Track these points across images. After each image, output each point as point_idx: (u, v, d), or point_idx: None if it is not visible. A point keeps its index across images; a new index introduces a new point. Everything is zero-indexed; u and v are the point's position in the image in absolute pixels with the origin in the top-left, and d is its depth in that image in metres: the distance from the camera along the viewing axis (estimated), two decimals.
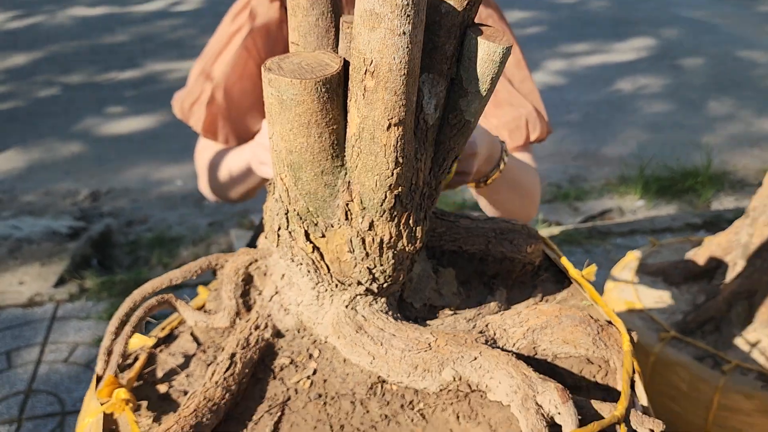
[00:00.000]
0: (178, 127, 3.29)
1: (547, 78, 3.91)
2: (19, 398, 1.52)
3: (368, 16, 0.40)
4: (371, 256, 0.51)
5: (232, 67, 1.06)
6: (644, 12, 5.20)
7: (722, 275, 1.45)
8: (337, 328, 0.56)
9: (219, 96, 1.06)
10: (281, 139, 0.45)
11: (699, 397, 1.31)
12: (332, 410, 0.53)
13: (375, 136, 0.44)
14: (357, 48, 0.41)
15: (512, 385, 0.49)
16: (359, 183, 0.47)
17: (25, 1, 5.17)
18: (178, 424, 0.50)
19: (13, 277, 1.94)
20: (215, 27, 1.17)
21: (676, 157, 2.97)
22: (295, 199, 0.49)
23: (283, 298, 0.62)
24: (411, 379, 0.52)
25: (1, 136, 3.21)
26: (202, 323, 0.68)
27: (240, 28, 1.08)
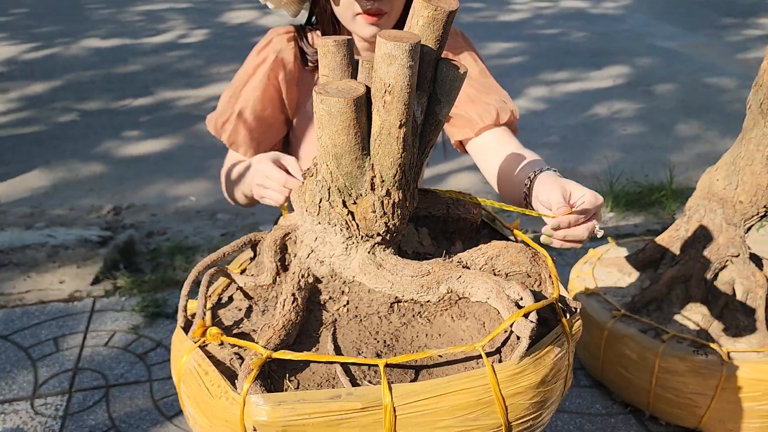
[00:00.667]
0: (190, 149, 3.59)
1: (528, 104, 4.23)
2: (68, 375, 1.78)
3: (387, 57, 0.68)
4: (387, 214, 0.77)
5: (256, 92, 1.34)
6: (621, 42, 5.56)
7: (665, 264, 1.73)
8: (363, 268, 0.82)
9: (245, 115, 1.33)
10: (329, 138, 0.72)
11: (645, 363, 1.58)
12: (366, 324, 0.79)
13: (390, 133, 0.72)
14: (379, 76, 0.69)
15: (487, 288, 0.76)
16: (379, 164, 0.74)
17: (41, 34, 5.49)
18: (276, 334, 0.74)
19: (54, 277, 2.20)
20: (220, 57, 1.43)
21: (645, 174, 3.27)
22: (336, 178, 0.75)
23: (318, 254, 0.86)
24: (419, 295, 0.79)
25: (26, 157, 3.49)
26: (250, 283, 0.89)
27: (263, 61, 1.35)
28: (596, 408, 1.71)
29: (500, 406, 0.68)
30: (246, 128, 1.32)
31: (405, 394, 0.66)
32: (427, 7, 0.74)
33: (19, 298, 2.10)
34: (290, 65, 1.31)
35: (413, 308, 0.80)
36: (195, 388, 0.72)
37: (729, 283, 1.64)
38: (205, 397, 0.70)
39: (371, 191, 0.76)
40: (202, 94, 4.31)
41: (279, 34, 1.33)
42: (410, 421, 0.66)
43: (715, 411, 1.55)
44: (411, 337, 0.77)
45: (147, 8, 6.38)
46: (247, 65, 1.35)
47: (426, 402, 0.66)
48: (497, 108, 1.23)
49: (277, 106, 1.34)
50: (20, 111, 4.07)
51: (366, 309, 0.80)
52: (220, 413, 0.68)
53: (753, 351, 1.53)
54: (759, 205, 1.59)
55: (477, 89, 1.27)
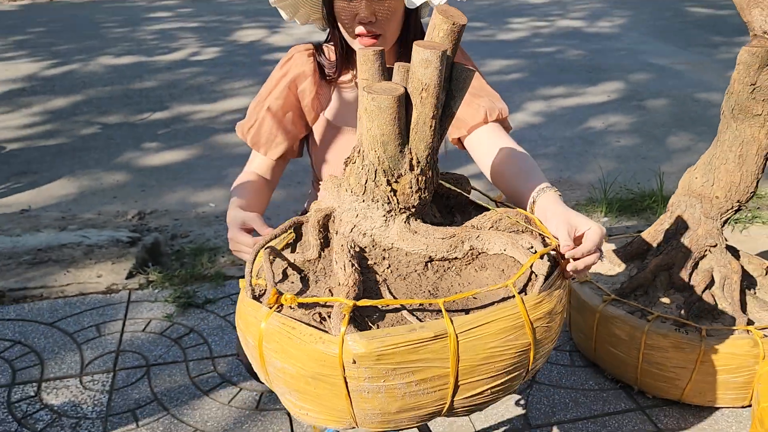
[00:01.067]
0: (208, 159, 3.79)
1: (527, 117, 4.45)
2: (112, 356, 1.96)
3: (424, 61, 0.88)
4: (421, 189, 0.97)
5: (279, 100, 1.52)
6: (615, 60, 5.79)
7: (651, 255, 1.92)
8: (401, 235, 1.00)
9: (267, 119, 1.51)
10: (378, 128, 0.91)
11: (632, 341, 1.76)
12: (409, 280, 0.97)
13: (425, 122, 0.91)
14: (416, 77, 0.89)
15: (503, 242, 0.95)
16: (416, 148, 0.94)
17: (59, 51, 5.72)
18: (351, 289, 0.90)
19: (91, 272, 2.39)
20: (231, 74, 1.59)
21: (637, 182, 3.47)
22: (382, 161, 0.94)
23: (360, 228, 1.02)
24: (448, 253, 0.98)
25: (51, 167, 3.69)
26: (300, 258, 1.04)
27: (285, 74, 1.53)
28: (590, 384, 1.89)
29: (529, 329, 0.88)
30: (267, 130, 1.48)
31: (462, 323, 0.85)
32: (446, 21, 0.94)
33: (61, 291, 2.28)
34: (309, 78, 1.48)
35: (444, 265, 0.99)
36: (284, 342, 0.87)
37: (708, 271, 1.83)
38: (297, 347, 0.85)
39: (410, 171, 0.95)
40: (216, 109, 4.52)
41: (299, 51, 1.51)
42: (467, 345, 0.85)
43: (696, 383, 1.73)
44: (447, 287, 0.96)
45: (160, 27, 6.62)
46: (271, 78, 1.53)
47: (478, 329, 0.86)
48: (486, 108, 1.42)
49: (296, 113, 1.51)
50: (43, 124, 4.28)
51: (405, 269, 0.99)
52: (316, 356, 0.84)
53: (728, 329, 1.71)
54: (733, 200, 1.78)
55: (470, 92, 1.45)
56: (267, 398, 1.81)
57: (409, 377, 0.85)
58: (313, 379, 0.86)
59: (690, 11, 7.90)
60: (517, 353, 0.89)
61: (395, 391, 0.85)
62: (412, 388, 0.86)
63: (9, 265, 2.42)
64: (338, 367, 0.83)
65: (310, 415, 0.92)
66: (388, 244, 1.01)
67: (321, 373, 0.85)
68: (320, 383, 0.86)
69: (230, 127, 4.22)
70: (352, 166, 1.02)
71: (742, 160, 1.73)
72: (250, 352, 0.96)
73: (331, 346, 0.83)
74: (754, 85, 1.62)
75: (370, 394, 0.86)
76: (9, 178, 3.55)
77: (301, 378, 0.88)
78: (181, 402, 1.79)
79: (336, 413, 0.90)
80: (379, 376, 0.84)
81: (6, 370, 1.90)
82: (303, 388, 0.89)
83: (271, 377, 0.93)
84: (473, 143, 1.46)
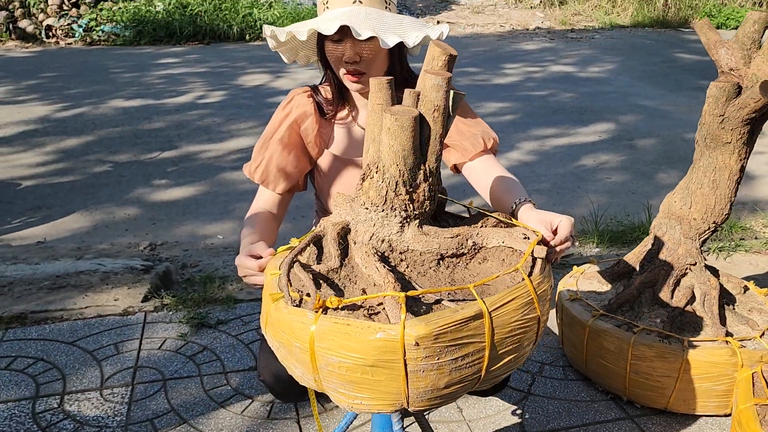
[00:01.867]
0: (215, 195, 3.95)
1: (521, 156, 4.64)
2: (130, 371, 2.08)
3: (435, 86, 1.04)
4: (432, 196, 1.12)
5: (283, 139, 1.63)
6: (606, 102, 6.03)
7: (636, 274, 2.06)
8: (415, 238, 1.14)
9: (273, 158, 1.61)
10: (400, 144, 1.06)
11: (620, 352, 1.89)
12: (428, 276, 1.11)
13: (437, 138, 1.07)
14: (429, 99, 1.05)
15: (500, 235, 1.10)
16: (429, 161, 1.09)
17: (70, 95, 5.94)
18: (395, 284, 1.03)
19: (108, 296, 2.52)
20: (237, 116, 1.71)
21: (627, 215, 3.63)
22: (402, 173, 1.09)
23: (378, 235, 1.16)
24: (456, 250, 1.12)
25: (64, 202, 3.84)
26: (324, 269, 1.15)
27: (287, 115, 1.65)
28: (582, 396, 2.00)
29: (537, 304, 1.05)
30: (273, 168, 1.60)
31: (491, 303, 1.00)
32: (443, 53, 1.11)
33: (80, 313, 2.40)
34: (311, 117, 1.61)
35: (453, 261, 1.13)
36: (340, 338, 0.97)
37: (689, 287, 1.97)
38: (356, 339, 0.96)
39: (424, 181, 1.11)
40: (223, 148, 4.71)
41: (298, 93, 1.66)
42: (498, 321, 1.01)
43: (680, 391, 1.85)
44: (461, 278, 1.11)
45: (167, 72, 6.87)
46: (273, 120, 1.65)
47: (503, 307, 1.01)
48: (483, 137, 1.58)
49: (299, 150, 1.62)
50: (56, 162, 4.45)
51: (421, 267, 1.14)
52: (377, 344, 0.95)
53: (709, 340, 1.84)
54: (709, 221, 1.93)
55: (465, 123, 1.61)
56: (278, 408, 1.92)
57: (456, 353, 0.98)
58: (371, 367, 0.97)
59: (677, 57, 8.20)
60: (529, 326, 1.05)
61: (444, 367, 0.98)
62: (458, 363, 0.99)
63: (29, 289, 2.54)
64: (400, 351, 0.95)
65: (364, 404, 1.03)
66: (404, 246, 1.15)
67: (382, 360, 0.96)
68: (379, 370, 0.97)
69: (237, 165, 4.39)
70: (370, 181, 1.17)
71: (715, 185, 1.89)
72: (298, 356, 1.04)
73: (393, 332, 0.95)
74: (722, 116, 1.79)
75: (425, 372, 0.98)
76: (24, 212, 3.70)
77: (358, 369, 0.98)
78: (196, 412, 1.90)
79: (390, 397, 1.01)
80: (435, 355, 0.97)
81: (30, 384, 2.01)
82: (359, 378, 0.99)
83: (322, 376, 1.03)
84: (472, 170, 1.61)
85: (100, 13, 8.30)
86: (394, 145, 1.08)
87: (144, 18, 8.22)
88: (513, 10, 10.62)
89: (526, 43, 8.96)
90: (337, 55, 1.48)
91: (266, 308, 1.13)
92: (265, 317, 1.14)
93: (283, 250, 1.25)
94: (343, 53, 1.46)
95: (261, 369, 1.54)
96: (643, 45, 8.90)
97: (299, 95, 1.64)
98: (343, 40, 1.45)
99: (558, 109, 5.81)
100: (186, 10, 8.40)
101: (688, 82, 6.93)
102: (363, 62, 1.47)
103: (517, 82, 6.82)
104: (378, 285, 1.07)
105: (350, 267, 1.17)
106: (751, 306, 2.03)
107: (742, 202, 3.89)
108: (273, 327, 1.10)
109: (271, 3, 8.99)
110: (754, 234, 3.41)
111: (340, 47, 1.46)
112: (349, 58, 1.45)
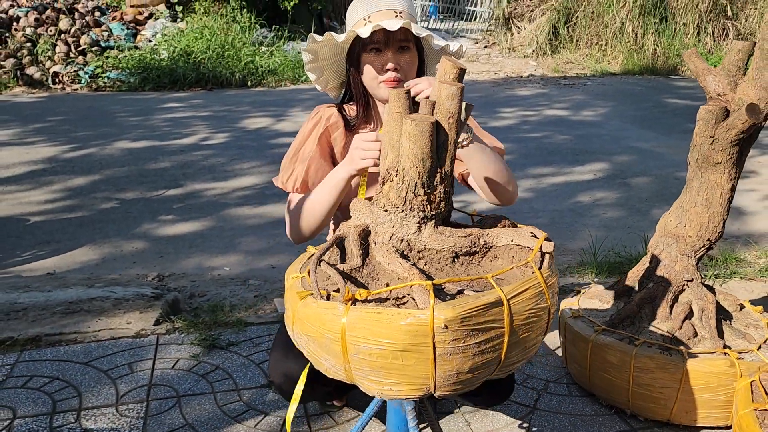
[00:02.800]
0: (220, 230, 4.03)
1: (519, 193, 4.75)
2: (144, 388, 2.12)
3: (450, 95, 1.15)
4: (447, 197, 1.21)
5: (314, 148, 1.77)
6: (599, 144, 6.20)
7: (635, 291, 2.14)
8: (432, 237, 1.23)
9: (304, 167, 1.77)
10: (419, 148, 1.15)
11: (622, 365, 1.95)
12: (444, 270, 1.20)
13: (451, 143, 1.17)
14: (445, 107, 1.15)
15: (509, 235, 1.19)
16: (444, 164, 1.18)
17: (77, 137, 6.07)
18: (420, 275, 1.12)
19: (121, 320, 2.57)
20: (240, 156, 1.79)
21: (624, 247, 3.72)
22: (422, 176, 1.18)
23: (398, 235, 1.25)
24: (470, 248, 1.21)
25: (73, 237, 3.91)
26: (347, 267, 1.25)
27: (316, 124, 1.79)
28: (586, 411, 2.05)
29: (547, 294, 1.14)
30: (312, 175, 1.74)
31: (509, 292, 1.09)
32: (455, 67, 1.22)
33: (94, 336, 2.45)
34: (340, 128, 1.75)
35: (466, 258, 1.22)
36: (372, 326, 1.05)
37: (687, 303, 2.04)
38: (387, 326, 1.05)
39: (440, 183, 1.20)
40: (228, 186, 4.81)
41: (324, 107, 1.79)
42: (515, 308, 1.09)
43: (682, 402, 1.90)
44: (476, 273, 1.20)
45: (171, 116, 7.03)
46: (302, 132, 1.78)
47: (519, 295, 1.10)
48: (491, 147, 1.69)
49: (327, 158, 1.76)
50: (64, 200, 4.54)
51: (438, 264, 1.22)
52: (408, 328, 1.04)
53: (708, 352, 1.91)
54: (704, 238, 2.02)
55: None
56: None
57: (480, 336, 1.06)
58: (402, 351, 1.05)
59: (668, 102, 8.44)
60: (541, 315, 1.14)
61: (469, 350, 1.06)
62: (481, 348, 1.07)
63: (43, 314, 2.60)
64: (429, 334, 1.03)
65: (393, 390, 1.10)
66: (422, 245, 1.24)
67: (412, 344, 1.04)
68: (408, 354, 1.05)
69: (241, 202, 4.49)
70: (390, 184, 1.26)
71: (708, 203, 1.99)
72: (328, 348, 1.11)
73: (423, 317, 1.03)
74: (712, 138, 1.91)
75: (451, 356, 1.06)
76: (33, 246, 3.77)
77: (388, 354, 1.06)
78: (211, 426, 1.94)
79: (418, 381, 1.08)
80: (461, 338, 1.05)
81: (47, 401, 2.05)
82: (389, 364, 1.07)
83: (352, 365, 1.10)
84: None
85: (106, 61, 8.53)
86: (414, 148, 1.18)
87: (149, 65, 8.44)
88: (507, 58, 10.94)
89: (521, 89, 9.21)
90: (376, 64, 1.62)
91: (293, 306, 1.21)
92: (291, 315, 1.21)
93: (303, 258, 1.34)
94: (384, 62, 1.60)
95: (271, 369, 1.62)
96: (634, 91, 9.16)
97: (326, 108, 1.76)
98: (382, 51, 1.59)
99: (553, 150, 5.96)
100: (190, 57, 8.63)
101: (678, 125, 7.12)
102: (402, 70, 1.62)
103: (513, 125, 7.00)
104: (402, 278, 1.15)
105: (371, 266, 1.26)
106: (748, 322, 2.11)
107: (735, 236, 3.99)
108: (301, 323, 1.17)
109: (272, 51, 9.26)
110: (748, 264, 3.50)
111: (380, 57, 1.61)
112: (392, 66, 1.59)
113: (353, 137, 1.75)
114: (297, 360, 1.51)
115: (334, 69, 1.75)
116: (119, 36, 9.07)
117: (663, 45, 10.44)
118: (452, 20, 13.14)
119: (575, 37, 10.89)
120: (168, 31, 9.30)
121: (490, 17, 12.27)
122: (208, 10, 9.78)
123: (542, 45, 10.87)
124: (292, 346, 1.31)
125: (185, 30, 9.29)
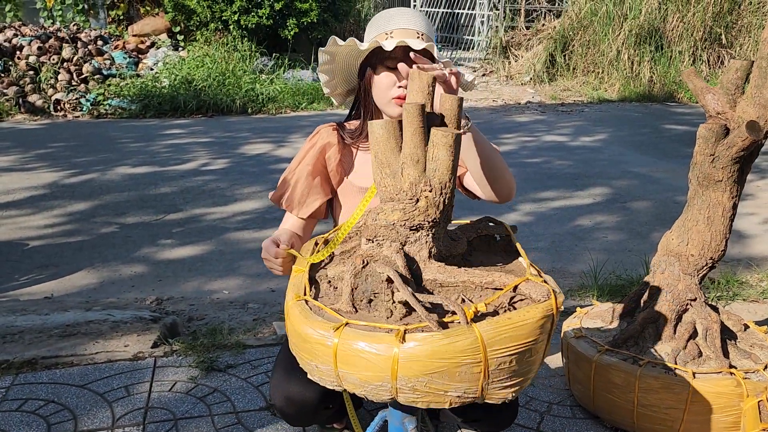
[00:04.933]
0: (220, 254, 4.02)
1: (519, 217, 4.75)
2: (141, 411, 2.08)
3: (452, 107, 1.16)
4: (448, 206, 1.21)
5: (308, 167, 1.76)
6: (599, 168, 6.21)
7: (638, 311, 2.12)
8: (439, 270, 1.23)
9: (298, 184, 1.76)
10: (456, 159, 1.16)
11: (627, 385, 1.92)
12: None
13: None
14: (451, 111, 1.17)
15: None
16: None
17: (78, 163, 6.08)
18: (531, 276, 1.15)
19: (119, 342, 2.54)
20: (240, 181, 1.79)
21: (625, 269, 3.70)
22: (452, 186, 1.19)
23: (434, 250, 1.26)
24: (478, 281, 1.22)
25: (72, 260, 3.89)
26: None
27: (313, 146, 1.79)
28: None
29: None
30: (299, 193, 1.73)
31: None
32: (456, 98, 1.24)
33: (90, 358, 2.42)
34: (335, 147, 1.76)
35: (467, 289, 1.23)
36: (509, 332, 1.09)
37: (691, 323, 2.02)
38: (522, 326, 1.10)
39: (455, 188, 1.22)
40: (228, 211, 4.81)
41: (324, 127, 1.80)
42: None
43: (688, 423, 1.87)
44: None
45: (172, 142, 7.06)
46: (301, 150, 1.79)
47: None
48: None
49: (323, 177, 1.76)
50: (64, 224, 4.53)
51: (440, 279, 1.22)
52: (542, 322, 1.12)
53: (713, 371, 1.88)
54: (706, 257, 2.01)
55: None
56: None
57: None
58: (536, 344, 1.14)
59: (665, 128, 8.48)
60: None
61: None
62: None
63: (40, 337, 2.57)
64: (553, 318, 1.15)
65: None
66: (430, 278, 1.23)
67: (544, 331, 1.15)
68: (541, 344, 1.15)
69: (241, 226, 4.48)
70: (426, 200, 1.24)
71: (710, 222, 1.98)
72: (465, 373, 1.09)
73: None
74: (713, 155, 1.91)
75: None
76: (32, 270, 3.74)
77: (526, 352, 1.13)
78: None
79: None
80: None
81: (41, 424, 2.02)
82: (523, 360, 1.14)
83: (493, 378, 1.11)
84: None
85: (107, 88, 8.59)
86: (453, 160, 1.18)
87: (150, 92, 8.50)
88: (504, 86, 11.03)
89: (519, 116, 9.26)
90: (390, 80, 1.63)
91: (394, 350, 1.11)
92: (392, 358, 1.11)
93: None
94: (399, 78, 1.62)
95: (272, 391, 1.59)
96: (632, 117, 9.21)
97: (325, 128, 1.77)
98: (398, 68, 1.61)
99: (552, 175, 5.98)
100: (191, 85, 8.70)
101: (676, 150, 7.15)
102: None
103: (512, 150, 7.03)
104: (481, 283, 1.20)
105: (420, 286, 1.24)
106: (753, 342, 2.08)
107: (737, 259, 3.98)
108: (422, 364, 1.09)
109: (272, 79, 9.34)
110: (750, 286, 3.48)
111: (396, 73, 1.62)
112: (405, 84, 1.62)
113: (354, 154, 1.77)
114: (299, 382, 1.49)
115: (344, 76, 1.76)
116: (121, 64, 9.15)
117: (659, 72, 10.53)
118: (450, 49, 13.29)
119: (572, 65, 11.00)
120: (169, 59, 9.40)
121: (487, 46, 12.41)
122: (210, 39, 9.89)
123: (539, 73, 10.97)
124: (295, 369, 1.29)
125: (187, 58, 9.38)
